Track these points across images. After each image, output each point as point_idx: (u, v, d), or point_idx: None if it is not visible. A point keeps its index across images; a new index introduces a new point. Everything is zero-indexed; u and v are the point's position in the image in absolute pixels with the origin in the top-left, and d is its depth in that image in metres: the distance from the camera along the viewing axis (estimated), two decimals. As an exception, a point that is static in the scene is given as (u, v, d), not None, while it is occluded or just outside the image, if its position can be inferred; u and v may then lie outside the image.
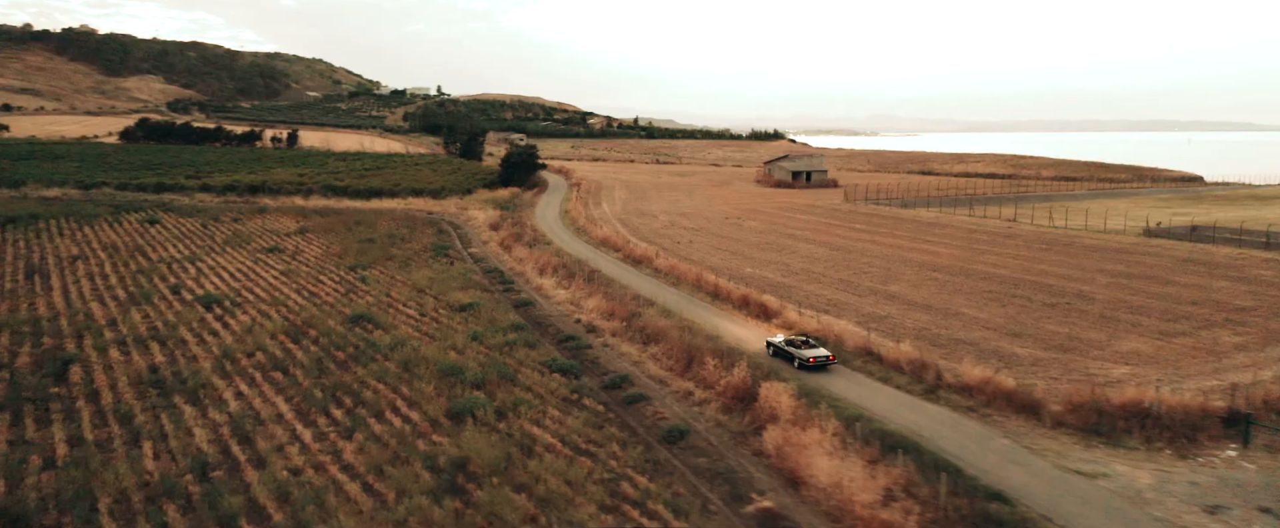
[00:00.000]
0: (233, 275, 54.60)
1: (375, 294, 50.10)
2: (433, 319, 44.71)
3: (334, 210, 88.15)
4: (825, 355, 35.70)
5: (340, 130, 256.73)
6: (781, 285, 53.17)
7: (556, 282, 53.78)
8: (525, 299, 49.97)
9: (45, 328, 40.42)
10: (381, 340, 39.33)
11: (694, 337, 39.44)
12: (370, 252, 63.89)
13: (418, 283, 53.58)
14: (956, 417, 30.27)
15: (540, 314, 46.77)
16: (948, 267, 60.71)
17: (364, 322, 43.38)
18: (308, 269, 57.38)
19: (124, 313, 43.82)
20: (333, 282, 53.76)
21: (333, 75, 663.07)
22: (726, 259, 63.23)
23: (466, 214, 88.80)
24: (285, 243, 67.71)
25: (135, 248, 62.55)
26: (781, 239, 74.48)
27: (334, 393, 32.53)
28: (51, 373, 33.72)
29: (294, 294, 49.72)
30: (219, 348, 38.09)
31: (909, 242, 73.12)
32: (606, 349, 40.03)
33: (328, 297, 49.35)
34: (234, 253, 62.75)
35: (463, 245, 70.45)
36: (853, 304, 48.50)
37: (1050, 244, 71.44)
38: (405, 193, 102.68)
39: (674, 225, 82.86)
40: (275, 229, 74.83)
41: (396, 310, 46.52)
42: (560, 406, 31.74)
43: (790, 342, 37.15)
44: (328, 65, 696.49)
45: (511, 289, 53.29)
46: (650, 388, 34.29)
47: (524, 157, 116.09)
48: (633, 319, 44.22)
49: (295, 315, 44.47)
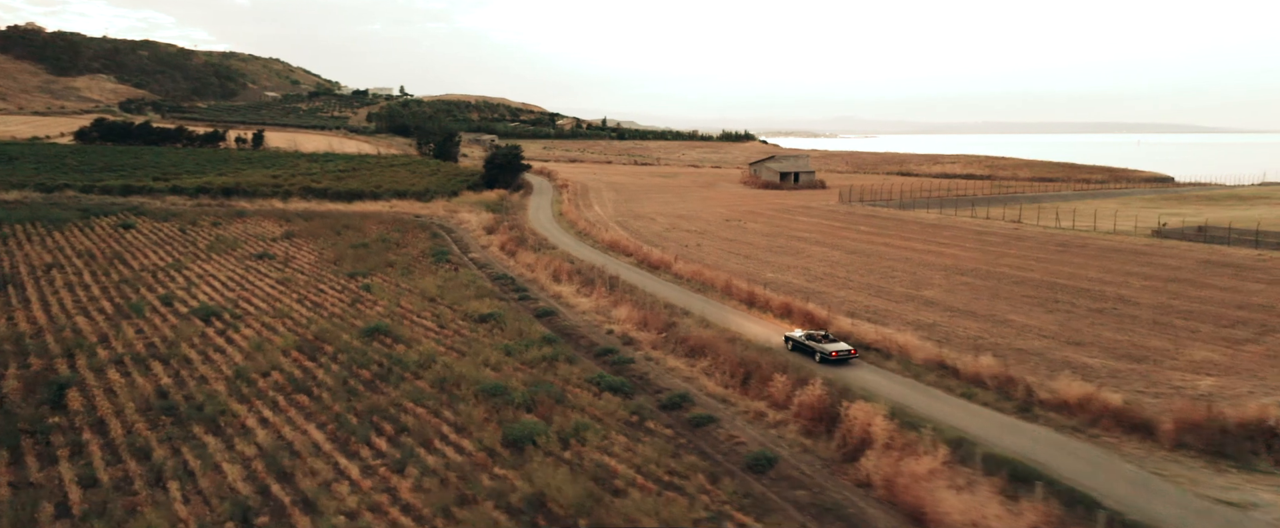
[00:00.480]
0: (225, 285, 50.76)
1: (385, 304, 46.67)
2: (454, 332, 41.47)
3: (317, 214, 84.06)
4: (847, 350, 36.38)
5: (306, 131, 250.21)
6: (810, 291, 50.65)
7: (575, 289, 50.76)
8: (546, 308, 46.88)
9: (29, 346, 36.48)
10: (407, 357, 36.06)
11: (745, 349, 36.69)
12: (368, 258, 60.25)
13: (426, 291, 50.22)
14: (1063, 438, 27.87)
15: (567, 325, 43.72)
16: (973, 270, 58.74)
17: (381, 335, 40.03)
18: (305, 277, 53.68)
19: (115, 328, 39.95)
20: (335, 291, 50.19)
21: (290, 75, 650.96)
22: (743, 264, 60.63)
23: (457, 217, 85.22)
24: (273, 249, 63.76)
25: (113, 255, 58.25)
26: (791, 242, 72.11)
27: (370, 418, 29.28)
28: (47, 399, 29.99)
29: (297, 305, 46.10)
30: (229, 367, 34.55)
31: (922, 244, 71.17)
32: (650, 363, 37.14)
33: (334, 307, 45.85)
34: (221, 260, 58.74)
35: (461, 250, 67.04)
36: (892, 311, 46.14)
37: (1065, 246, 69.94)
38: (388, 195, 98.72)
39: (675, 228, 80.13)
40: (259, 234, 70.72)
41: (412, 322, 43.20)
42: (624, 430, 28.83)
43: (810, 336, 37.80)
44: (285, 65, 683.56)
45: (528, 298, 50.14)
46: (713, 407, 31.48)
47: (508, 158, 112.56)
48: (669, 330, 41.46)
49: (304, 329, 40.96)
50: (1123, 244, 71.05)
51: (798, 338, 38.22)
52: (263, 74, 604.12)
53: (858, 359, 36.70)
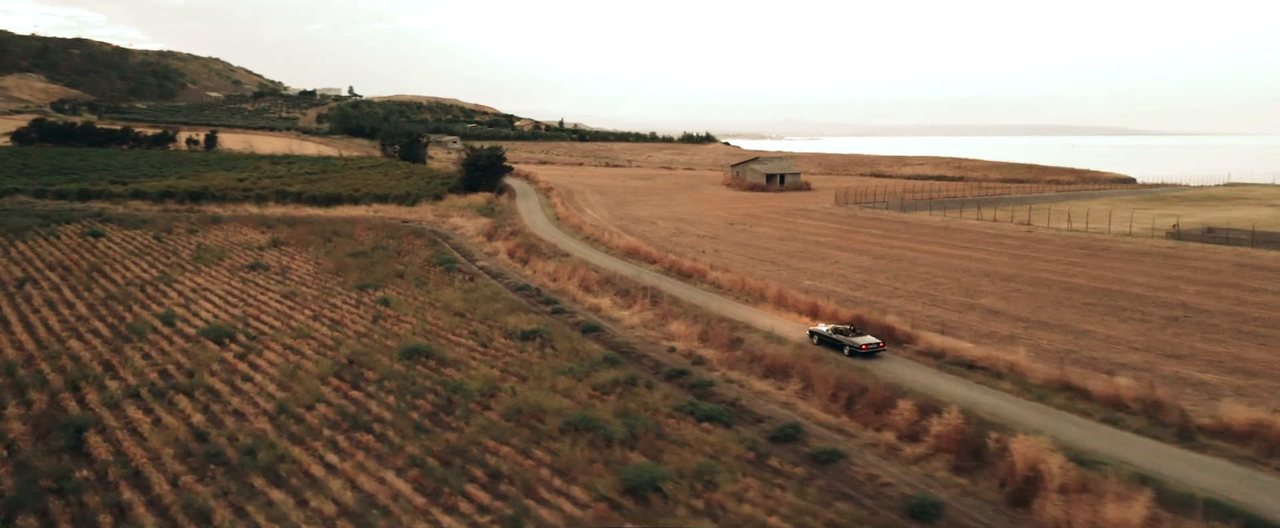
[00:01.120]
0: (226, 300, 45.83)
1: (412, 321, 42.35)
2: (501, 352, 37.42)
3: (298, 219, 78.70)
4: (876, 343, 37.02)
5: (260, 132, 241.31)
6: (860, 300, 47.49)
7: (613, 301, 46.93)
8: (589, 323, 42.96)
9: (25, 378, 31.49)
10: (467, 384, 31.94)
11: (845, 371, 33.32)
12: (373, 269, 55.62)
13: (450, 305, 45.98)
14: (1247, 472, 24.98)
15: (620, 342, 39.89)
16: (1014, 275, 56.31)
17: (423, 357, 35.86)
18: (311, 291, 48.95)
19: (118, 353, 35.08)
20: (350, 306, 45.64)
21: (232, 75, 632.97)
22: (771, 270, 57.32)
23: (449, 222, 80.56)
24: (264, 258, 58.67)
25: (91, 267, 52.70)
26: (810, 247, 69.10)
27: (453, 462, 25.22)
28: (64, 445, 25.31)
29: (314, 323, 41.53)
30: (265, 399, 30.11)
31: (943, 248, 68.75)
32: (733, 386, 33.55)
33: (356, 325, 41.38)
34: (211, 271, 53.58)
35: (467, 259, 62.62)
36: (959, 322, 43.23)
37: (1089, 249, 68.11)
38: (369, 199, 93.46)
39: (682, 233, 76.57)
40: (243, 242, 65.37)
41: (449, 341, 39.01)
42: (749, 470, 25.23)
43: (838, 330, 38.39)
44: (226, 65, 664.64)
45: (562, 310, 46.18)
46: (831, 439, 28.04)
47: (491, 160, 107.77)
48: (735, 346, 37.97)
49: (333, 351, 36.54)
50: (1145, 247, 69.53)
51: (824, 332, 38.77)
52: (203, 74, 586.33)
53: (887, 353, 37.33)
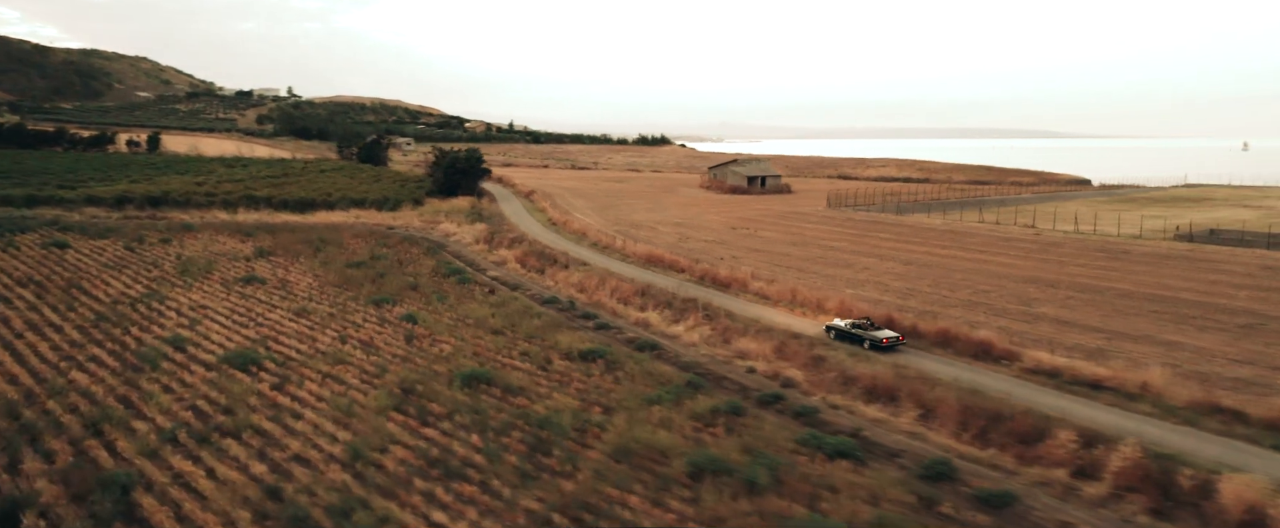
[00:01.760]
0: (233, 320, 41.03)
1: (450, 341, 38.26)
2: (566, 376, 33.67)
3: (277, 226, 73.28)
4: (896, 336, 37.75)
5: (204, 134, 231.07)
6: (915, 310, 44.65)
7: (662, 315, 43.40)
8: (645, 340, 39.32)
9: (33, 421, 26.66)
10: (553, 417, 28.14)
11: (972, 396, 30.30)
12: (383, 282, 51.17)
13: (483, 321, 41.99)
14: None
15: (687, 362, 36.34)
16: (1057, 281, 54.27)
17: (484, 384, 31.90)
18: (324, 307, 44.36)
19: (132, 386, 30.36)
20: (373, 324, 41.26)
21: (161, 75, 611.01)
22: (801, 279, 54.17)
23: (439, 229, 75.95)
24: (257, 270, 53.63)
25: (67, 283, 47.16)
26: (828, 253, 66.36)
27: (582, 517, 21.47)
28: (113, 511, 20.84)
29: (342, 345, 37.18)
30: (328, 441, 25.92)
31: (964, 252, 66.68)
32: (841, 413, 30.33)
33: (390, 347, 37.15)
34: (203, 286, 48.48)
35: (474, 268, 58.32)
36: (1034, 333, 40.69)
37: (1108, 252, 66.70)
38: (345, 204, 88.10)
39: (686, 238, 73.18)
40: (225, 252, 60.02)
41: (502, 364, 35.06)
42: (925, 519, 21.97)
43: (857, 325, 38.89)
44: (154, 64, 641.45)
45: (608, 327, 42.43)
46: (990, 477, 24.95)
47: (470, 163, 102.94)
48: (818, 364, 34.81)
49: (379, 378, 32.37)
50: (1162, 249, 68.43)
51: (842, 326, 39.25)
52: (130, 73, 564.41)
53: (906, 345, 37.95)
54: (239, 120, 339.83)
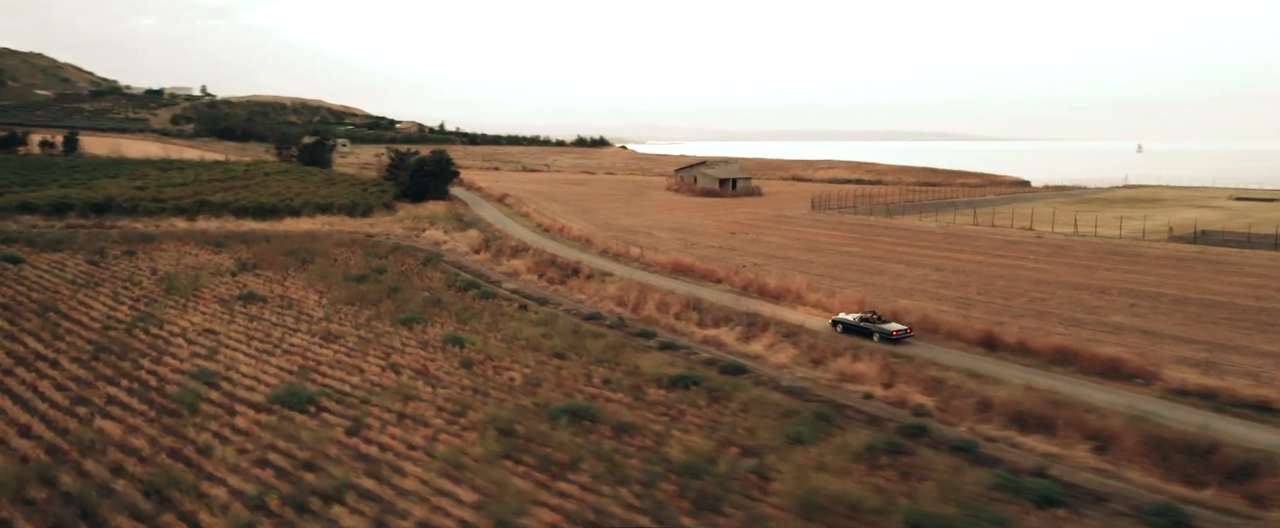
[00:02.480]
0: (255, 348, 35.76)
1: (515, 367, 33.98)
2: (669, 407, 29.82)
3: (249, 235, 66.96)
4: (904, 329, 38.65)
5: (124, 135, 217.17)
6: (989, 321, 41.98)
7: (733, 332, 39.66)
8: (729, 363, 35.59)
9: (81, 492, 21.43)
10: (699, 463, 24.17)
11: (1144, 424, 27.44)
12: (401, 298, 46.17)
13: (540, 343, 37.65)
14: None
15: (791, 387, 32.81)
16: (1104, 287, 52.58)
17: (587, 420, 27.76)
18: (351, 330, 39.32)
19: (180, 438, 25.25)
20: (415, 348, 36.54)
21: (59, 72, 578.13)
22: (835, 288, 51.16)
23: (427, 236, 70.68)
24: (253, 286, 48.00)
25: (39, 305, 40.90)
26: (846, 258, 63.67)
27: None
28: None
29: (394, 375, 32.45)
30: (454, 504, 21.55)
31: (982, 256, 64.83)
32: (1001, 446, 27.18)
33: (453, 378, 32.63)
34: (198, 306, 42.77)
35: (487, 281, 53.62)
36: (1127, 345, 38.35)
37: (1122, 255, 65.76)
38: (311, 211, 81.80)
39: (692, 245, 69.55)
40: (203, 266, 53.95)
41: (587, 394, 30.93)
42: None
43: (865, 318, 39.75)
44: (51, 61, 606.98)
45: (676, 346, 38.58)
46: (1232, 525, 22.00)
47: (439, 166, 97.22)
48: (938, 387, 31.67)
49: (461, 416, 27.90)
50: (1171, 252, 67.86)
51: (851, 320, 40.07)
52: (25, 70, 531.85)
53: (913, 338, 38.89)
54: (152, 120, 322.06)
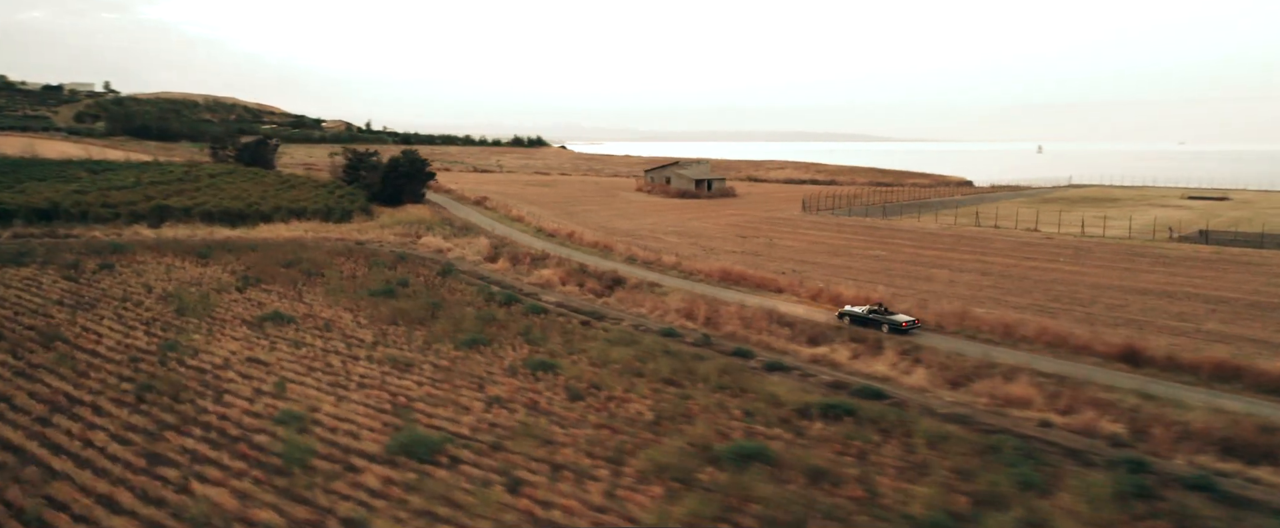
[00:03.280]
0: (326, 382, 30.73)
1: (635, 399, 29.81)
2: (845, 445, 26.11)
3: (225, 244, 60.62)
4: (912, 320, 39.86)
5: (34, 134, 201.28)
6: (1118, 335, 39.66)
7: (848, 350, 36.25)
8: (865, 387, 32.16)
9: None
10: (943, 521, 20.60)
11: None
12: (458, 319, 41.28)
13: (637, 366, 33.52)
14: None
15: (955, 414, 29.56)
16: (1166, 290, 51.09)
17: (770, 467, 23.93)
18: (416, 355, 34.50)
19: (313, 508, 20.43)
20: (505, 377, 32.05)
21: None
22: (900, 295, 48.38)
23: (425, 243, 65.32)
24: (270, 304, 42.47)
25: (42, 334, 34.78)
26: (878, 263, 61.01)
27: None
28: None
29: (500, 411, 27.97)
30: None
31: (1013, 259, 63.07)
32: (1234, 481, 24.34)
33: (570, 412, 28.45)
34: (224, 330, 37.21)
35: (522, 294, 49.02)
36: (1260, 355, 36.39)
37: (1142, 256, 64.89)
38: (282, 216, 75.33)
39: (712, 250, 65.96)
40: (199, 280, 47.94)
41: (740, 428, 27.07)
42: None
43: (873, 310, 40.72)
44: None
45: (783, 366, 34.94)
46: None
47: (414, 167, 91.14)
48: (1130, 416, 28.83)
49: (615, 463, 23.77)
50: (1187, 253, 67.28)
51: (859, 313, 40.98)
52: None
53: (919, 328, 39.92)
54: (54, 118, 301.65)
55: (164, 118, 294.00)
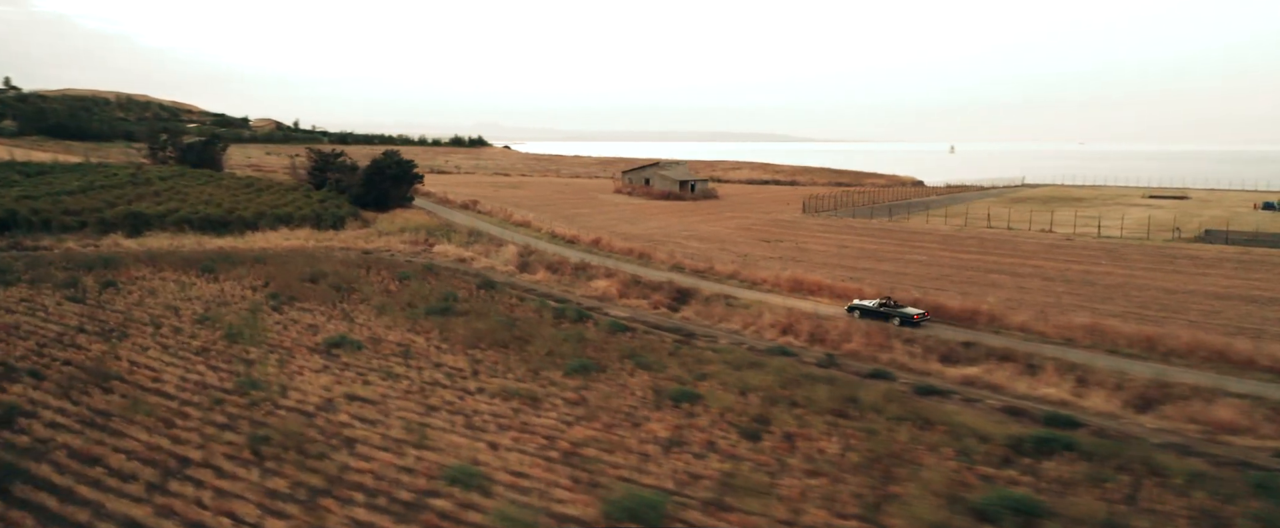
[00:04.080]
0: (459, 423, 26.23)
1: (816, 437, 26.17)
2: (1101, 491, 22.96)
3: (222, 256, 54.54)
4: (922, 312, 40.72)
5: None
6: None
7: (1006, 370, 33.31)
8: (1054, 415, 29.20)
9: None
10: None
11: None
12: (552, 341, 36.88)
13: (790, 397, 29.87)
14: None
15: (1178, 445, 26.76)
16: (1252, 295, 49.76)
17: (1040, 518, 20.65)
18: (536, 388, 30.19)
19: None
20: (651, 409, 28.09)
21: None
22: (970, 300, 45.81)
23: (441, 250, 60.34)
24: (323, 325, 37.40)
25: (90, 372, 29.21)
26: (924, 268, 58.63)
27: None
28: None
29: (711, 463, 24.04)
30: None
31: (1060, 262, 61.48)
32: None
33: (762, 455, 24.70)
34: (295, 360, 32.18)
35: (588, 309, 44.86)
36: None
37: (1172, 257, 64.12)
38: (269, 222, 69.21)
39: (747, 256, 62.55)
40: (222, 297, 42.40)
41: (969, 473, 23.73)
42: None
43: (883, 303, 41.73)
44: None
45: (935, 390, 31.81)
46: None
47: (401, 169, 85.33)
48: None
49: (866, 520, 20.14)
50: (1212, 253, 66.91)
51: (870, 306, 41.82)
52: None
53: (929, 320, 40.96)
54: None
55: (76, 116, 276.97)
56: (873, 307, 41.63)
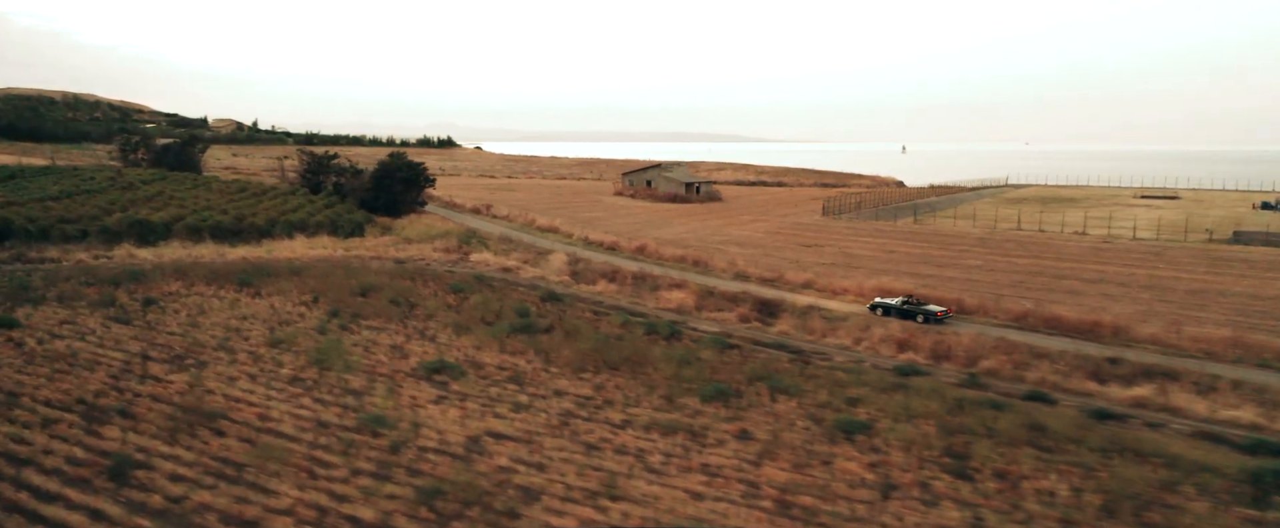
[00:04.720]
0: (644, 467, 23.12)
1: (1028, 473, 23.55)
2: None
3: (255, 268, 50.30)
4: (945, 309, 41.30)
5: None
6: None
7: (1183, 387, 31.04)
8: (1257, 440, 26.91)
9: None
10: None
11: None
12: (684, 371, 33.73)
13: (963, 425, 27.23)
14: None
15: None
16: None
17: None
18: (687, 420, 27.07)
19: None
20: (824, 443, 25.20)
21: None
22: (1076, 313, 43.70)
23: (480, 259, 56.72)
24: (409, 347, 33.81)
25: (191, 412, 25.40)
26: (988, 275, 56.56)
27: None
28: None
29: (940, 514, 21.21)
30: None
31: (1118, 267, 59.87)
32: None
33: (991, 499, 22.09)
34: (407, 392, 28.66)
35: (673, 324, 41.77)
36: None
37: (1221, 259, 63.01)
38: (283, 229, 64.86)
39: (798, 262, 59.86)
40: (280, 314, 38.57)
41: (1226, 516, 21.27)
42: None
43: (907, 301, 42.24)
44: None
45: (1118, 416, 29.40)
46: None
47: (412, 173, 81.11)
48: None
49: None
50: (1265, 256, 65.99)
51: (893, 304, 42.34)
52: None
53: (952, 317, 41.50)
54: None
55: (23, 116, 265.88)
56: (896, 304, 42.33)
